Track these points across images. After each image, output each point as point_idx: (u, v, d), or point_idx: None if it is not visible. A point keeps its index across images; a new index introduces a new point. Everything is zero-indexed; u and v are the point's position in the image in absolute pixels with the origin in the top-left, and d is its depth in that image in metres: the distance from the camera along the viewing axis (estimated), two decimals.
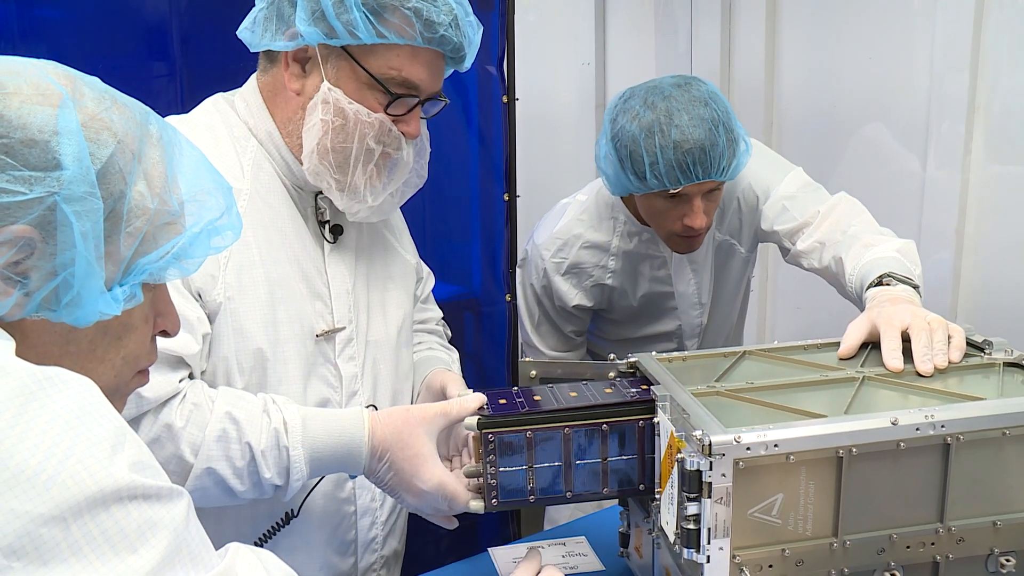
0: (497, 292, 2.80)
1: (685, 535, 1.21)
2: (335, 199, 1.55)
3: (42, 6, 2.00)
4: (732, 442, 1.18)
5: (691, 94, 2.04)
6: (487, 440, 1.40)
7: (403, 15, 1.44)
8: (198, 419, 1.39)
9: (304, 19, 1.44)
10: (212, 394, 1.42)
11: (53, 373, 0.81)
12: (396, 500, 1.51)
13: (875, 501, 1.26)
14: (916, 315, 1.53)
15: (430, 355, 1.88)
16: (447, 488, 1.44)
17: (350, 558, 1.67)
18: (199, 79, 2.19)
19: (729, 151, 2.03)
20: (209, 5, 2.18)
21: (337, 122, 1.48)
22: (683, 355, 1.61)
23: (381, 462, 1.44)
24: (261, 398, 1.45)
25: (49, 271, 0.89)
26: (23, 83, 0.90)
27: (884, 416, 1.24)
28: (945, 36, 2.73)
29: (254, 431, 1.40)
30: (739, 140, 2.07)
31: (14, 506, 0.74)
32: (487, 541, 2.34)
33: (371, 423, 1.45)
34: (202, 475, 1.38)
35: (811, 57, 3.19)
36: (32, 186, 0.87)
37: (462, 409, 1.46)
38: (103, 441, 0.80)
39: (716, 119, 2.01)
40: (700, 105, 2.02)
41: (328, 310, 1.59)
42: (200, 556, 0.85)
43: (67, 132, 0.90)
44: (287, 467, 1.41)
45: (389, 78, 1.48)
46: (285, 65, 1.50)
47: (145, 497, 0.81)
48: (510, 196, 2.75)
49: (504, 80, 2.68)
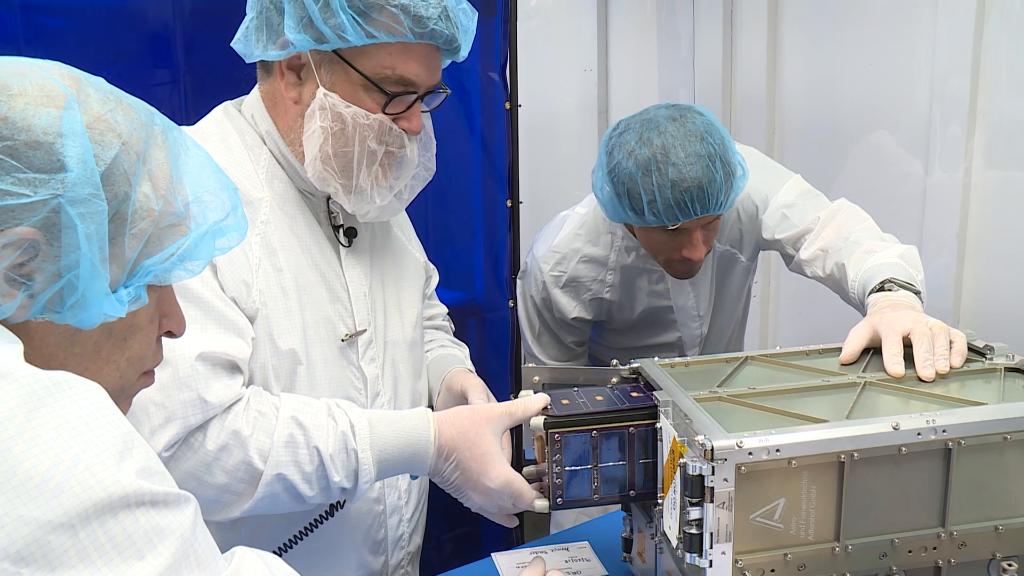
0: (500, 298, 2.80)
1: (688, 539, 1.22)
2: (343, 202, 1.55)
3: (47, 14, 2.02)
4: (734, 447, 1.19)
5: (687, 128, 2.00)
6: (553, 440, 1.41)
7: (390, 13, 1.42)
8: (264, 425, 1.39)
9: (293, 27, 1.43)
10: (275, 400, 1.43)
11: (61, 378, 0.82)
12: (460, 499, 1.53)
13: (877, 505, 1.26)
14: (918, 321, 1.54)
15: (444, 353, 1.90)
16: (514, 486, 1.46)
17: (381, 556, 1.69)
18: (203, 86, 2.20)
19: (727, 185, 2.00)
20: (212, 12, 2.19)
21: (336, 127, 1.48)
22: (685, 361, 1.62)
23: (448, 461, 1.46)
24: (324, 402, 1.46)
25: (53, 273, 0.89)
26: (28, 84, 0.90)
27: (886, 421, 1.25)
28: (946, 42, 2.73)
29: (321, 435, 1.41)
30: (735, 169, 2.04)
31: (22, 513, 0.74)
32: (491, 546, 2.34)
33: (437, 423, 1.47)
34: (272, 481, 1.39)
35: (813, 64, 3.20)
36: (36, 188, 0.87)
37: (527, 409, 1.47)
38: (111, 447, 0.80)
39: (712, 154, 1.98)
40: (696, 141, 1.98)
41: (349, 313, 1.60)
42: (207, 562, 0.86)
43: (71, 134, 0.89)
44: (355, 470, 1.43)
45: (384, 77, 1.47)
46: (280, 74, 1.50)
47: (153, 503, 0.81)
48: (513, 202, 2.75)
49: (507, 87, 2.69)
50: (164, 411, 1.33)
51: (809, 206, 2.16)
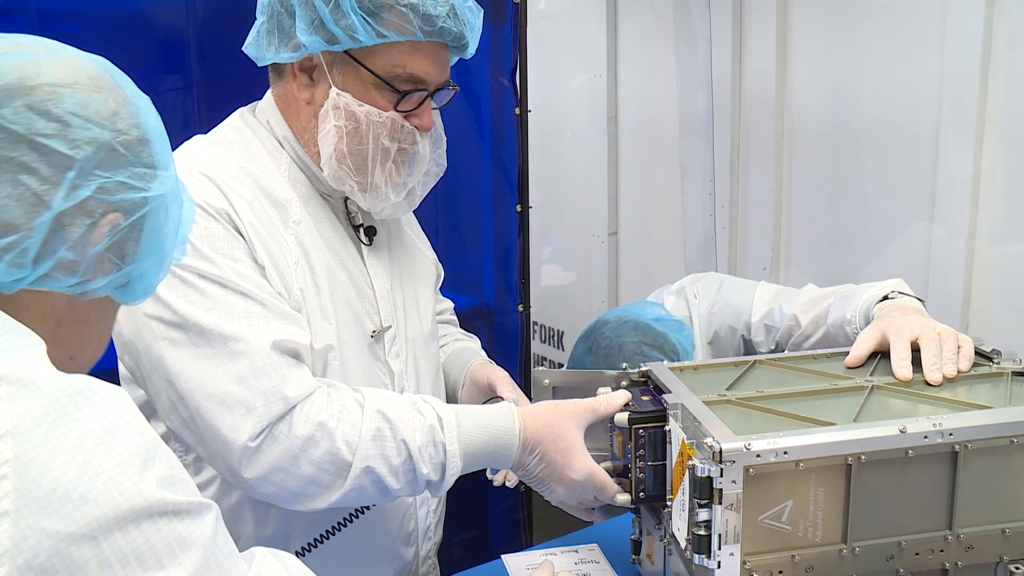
0: (510, 302, 2.82)
1: (696, 541, 1.23)
2: (359, 200, 1.58)
3: (62, 20, 2.04)
4: (742, 449, 1.20)
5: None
6: (637, 435, 1.43)
7: (399, 12, 1.45)
8: (350, 418, 1.40)
9: (304, 29, 1.46)
10: (358, 395, 1.45)
11: (84, 385, 0.83)
12: (542, 492, 1.55)
13: (884, 508, 1.27)
14: (925, 325, 1.54)
15: (461, 346, 1.94)
16: (597, 478, 1.48)
17: (412, 547, 1.72)
18: (215, 92, 2.21)
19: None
20: (225, 18, 2.21)
21: (350, 126, 1.51)
22: (694, 364, 1.63)
23: (532, 454, 1.48)
24: (407, 397, 1.48)
25: (134, 257, 0.98)
26: (118, 76, 0.99)
27: (893, 424, 1.26)
28: (955, 49, 2.73)
29: (408, 428, 1.42)
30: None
31: (45, 525, 0.75)
32: (499, 549, 2.35)
33: (522, 417, 1.49)
34: (361, 474, 1.40)
35: (822, 70, 3.19)
36: (149, 183, 0.96)
37: (610, 405, 1.49)
38: (133, 457, 0.81)
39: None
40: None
41: (375, 310, 1.63)
42: (228, 568, 0.87)
43: (158, 135, 1.00)
44: (443, 463, 1.44)
45: (394, 75, 1.50)
46: (293, 76, 1.53)
47: (176, 513, 0.83)
48: (522, 207, 2.77)
49: (517, 92, 2.70)
50: (244, 402, 1.34)
51: (786, 305, 2.05)
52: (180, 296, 1.36)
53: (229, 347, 1.35)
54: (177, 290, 1.36)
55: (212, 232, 1.40)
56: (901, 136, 2.95)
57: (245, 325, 1.37)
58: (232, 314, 1.37)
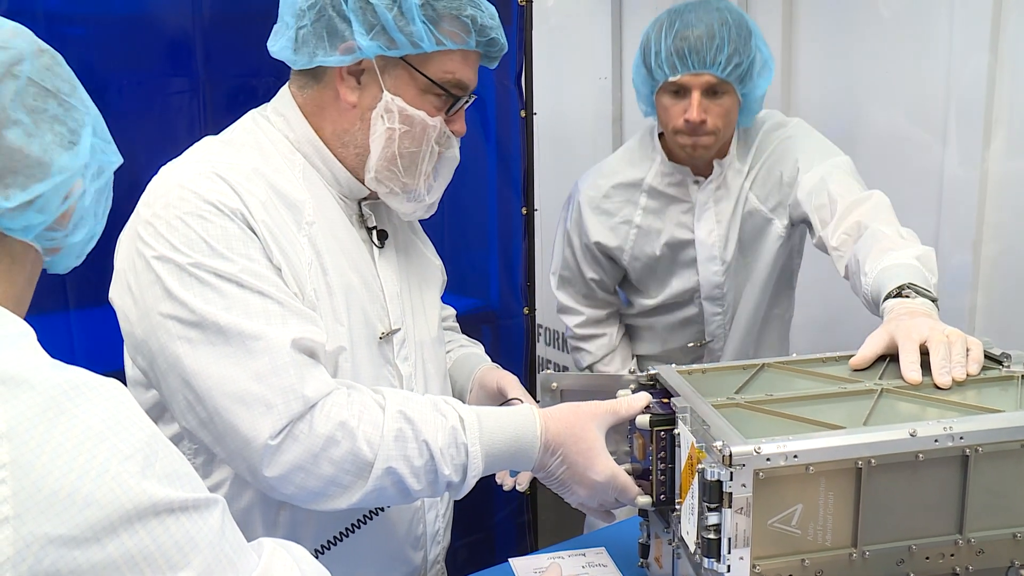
0: (515, 305, 2.81)
1: (706, 545, 1.22)
2: (393, 202, 1.61)
3: (68, 23, 2.04)
4: (752, 453, 1.19)
5: (709, 3, 2.29)
6: (659, 437, 1.43)
7: (461, 23, 1.51)
8: (371, 418, 1.40)
9: (362, 33, 1.48)
10: (376, 395, 1.44)
11: (80, 380, 0.81)
12: (562, 494, 1.55)
13: (894, 512, 1.27)
14: (934, 328, 1.54)
15: (467, 352, 1.95)
16: (619, 480, 1.49)
17: (420, 551, 1.71)
18: (221, 95, 2.22)
19: (730, 48, 2.22)
20: (231, 21, 2.21)
21: (404, 128, 1.54)
22: (702, 367, 1.63)
23: (554, 456, 1.48)
24: (428, 398, 1.47)
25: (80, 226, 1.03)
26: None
27: (903, 428, 1.25)
28: (961, 50, 2.73)
29: (430, 429, 1.42)
30: (751, 48, 2.26)
31: (47, 530, 0.74)
32: (504, 551, 2.35)
33: (543, 419, 1.49)
34: (382, 475, 1.39)
35: (828, 72, 3.19)
36: (112, 156, 1.07)
37: (631, 408, 1.50)
38: (136, 454, 0.80)
39: (725, 21, 2.23)
40: (711, 10, 2.26)
41: (385, 312, 1.63)
42: (237, 562, 0.86)
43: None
44: (464, 464, 1.43)
45: (446, 82, 1.55)
46: (339, 79, 1.54)
47: (182, 509, 0.81)
48: (528, 210, 2.77)
49: (522, 95, 2.70)
50: (264, 399, 1.33)
51: (844, 185, 2.18)
52: (197, 295, 1.35)
53: (248, 345, 1.34)
54: (194, 289, 1.35)
55: (228, 232, 1.40)
56: (907, 139, 2.95)
57: (264, 324, 1.36)
58: (250, 313, 1.36)
